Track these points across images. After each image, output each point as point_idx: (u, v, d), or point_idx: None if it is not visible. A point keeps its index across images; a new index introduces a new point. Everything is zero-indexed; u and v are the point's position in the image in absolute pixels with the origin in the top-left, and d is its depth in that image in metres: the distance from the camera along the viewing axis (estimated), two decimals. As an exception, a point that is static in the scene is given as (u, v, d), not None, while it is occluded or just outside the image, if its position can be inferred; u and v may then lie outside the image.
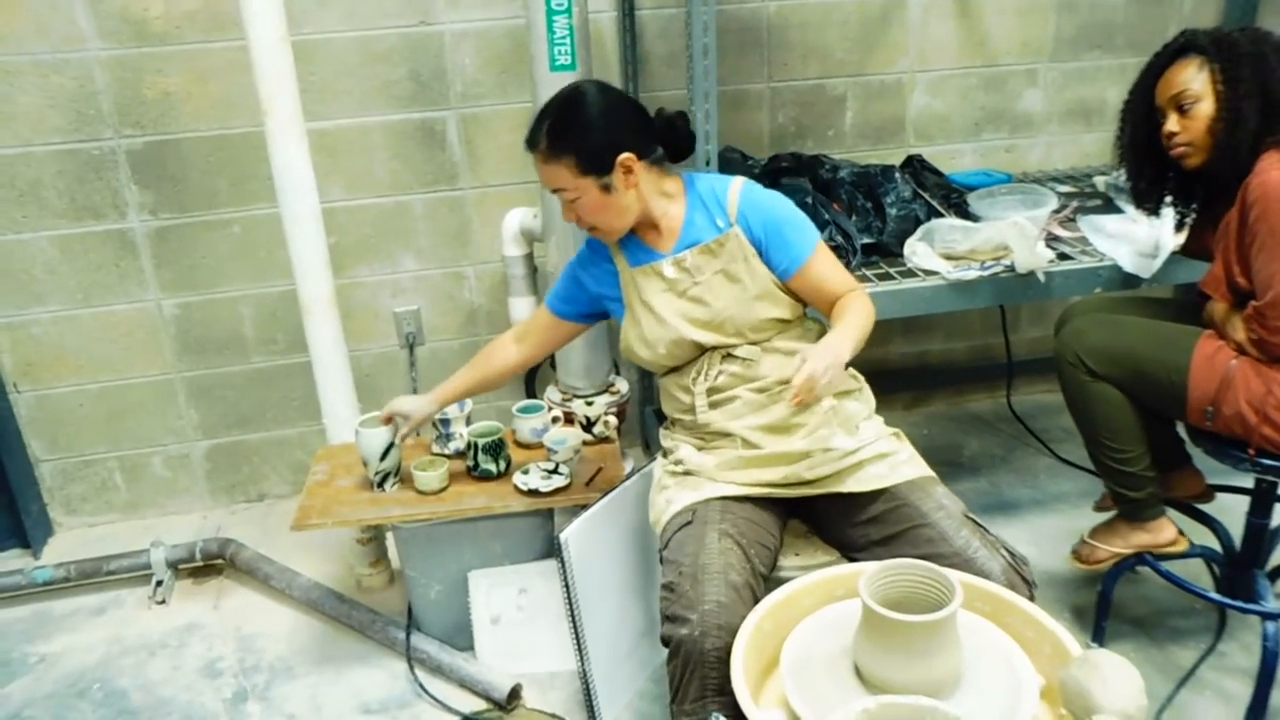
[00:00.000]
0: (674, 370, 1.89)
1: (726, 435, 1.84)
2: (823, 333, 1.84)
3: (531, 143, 1.77)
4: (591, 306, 1.98)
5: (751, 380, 1.82)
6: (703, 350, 1.84)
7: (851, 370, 1.92)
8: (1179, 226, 2.23)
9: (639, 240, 1.88)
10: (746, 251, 1.81)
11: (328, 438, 2.57)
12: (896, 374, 3.37)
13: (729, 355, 1.83)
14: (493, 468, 2.27)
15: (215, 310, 2.84)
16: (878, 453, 1.79)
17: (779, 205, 1.85)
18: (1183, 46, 1.96)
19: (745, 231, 1.82)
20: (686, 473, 1.85)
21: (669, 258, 1.84)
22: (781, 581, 1.58)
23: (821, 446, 1.78)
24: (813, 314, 1.92)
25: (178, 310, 2.82)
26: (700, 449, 1.86)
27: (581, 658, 2.00)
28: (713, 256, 1.82)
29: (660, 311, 1.83)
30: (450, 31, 2.71)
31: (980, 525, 1.67)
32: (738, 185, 1.86)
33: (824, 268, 1.83)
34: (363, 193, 2.82)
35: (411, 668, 2.31)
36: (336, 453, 2.49)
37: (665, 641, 1.61)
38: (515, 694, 2.18)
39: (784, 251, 1.82)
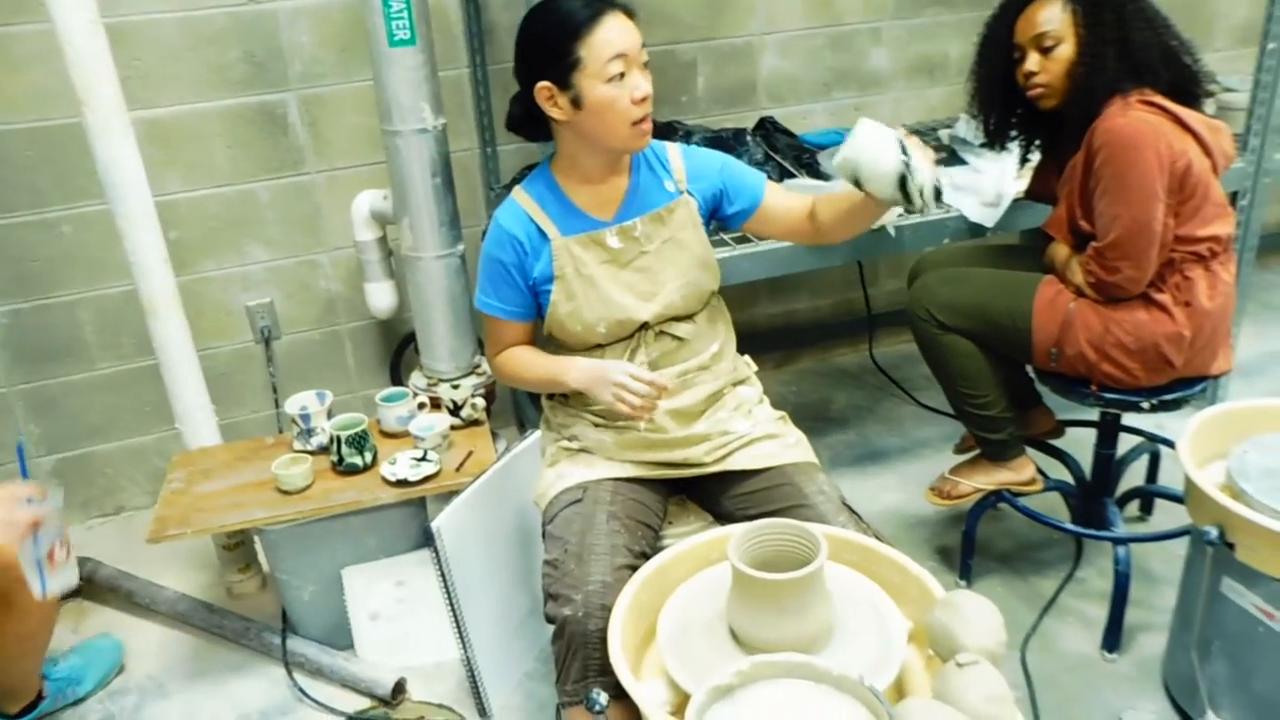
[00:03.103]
0: (596, 347, 1.78)
1: None
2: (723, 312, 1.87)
3: (609, 1, 1.62)
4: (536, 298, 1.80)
5: (682, 360, 1.78)
6: (639, 327, 1.76)
7: (746, 358, 1.94)
8: (1022, 162, 2.30)
9: (572, 204, 1.75)
10: (695, 219, 1.78)
11: (184, 442, 2.45)
12: (764, 335, 3.42)
13: (662, 333, 1.77)
14: (358, 460, 2.20)
15: (49, 317, 2.67)
16: (767, 433, 1.81)
17: (721, 154, 1.85)
18: None
19: (699, 197, 1.79)
20: (582, 449, 1.82)
21: (612, 226, 1.74)
22: (658, 550, 1.59)
23: (720, 430, 1.79)
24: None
25: (5, 319, 2.63)
26: (598, 425, 1.81)
27: (464, 645, 1.97)
28: (661, 224, 1.76)
29: (603, 286, 1.73)
30: (284, 9, 2.59)
31: (855, 513, 1.68)
32: (677, 149, 1.82)
33: (780, 194, 1.84)
34: (203, 183, 2.68)
35: (290, 673, 2.23)
36: (194, 458, 2.38)
37: (550, 619, 1.59)
38: (400, 688, 2.14)
39: (744, 192, 1.81)
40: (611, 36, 1.60)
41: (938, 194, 1.59)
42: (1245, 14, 3.57)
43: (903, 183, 1.56)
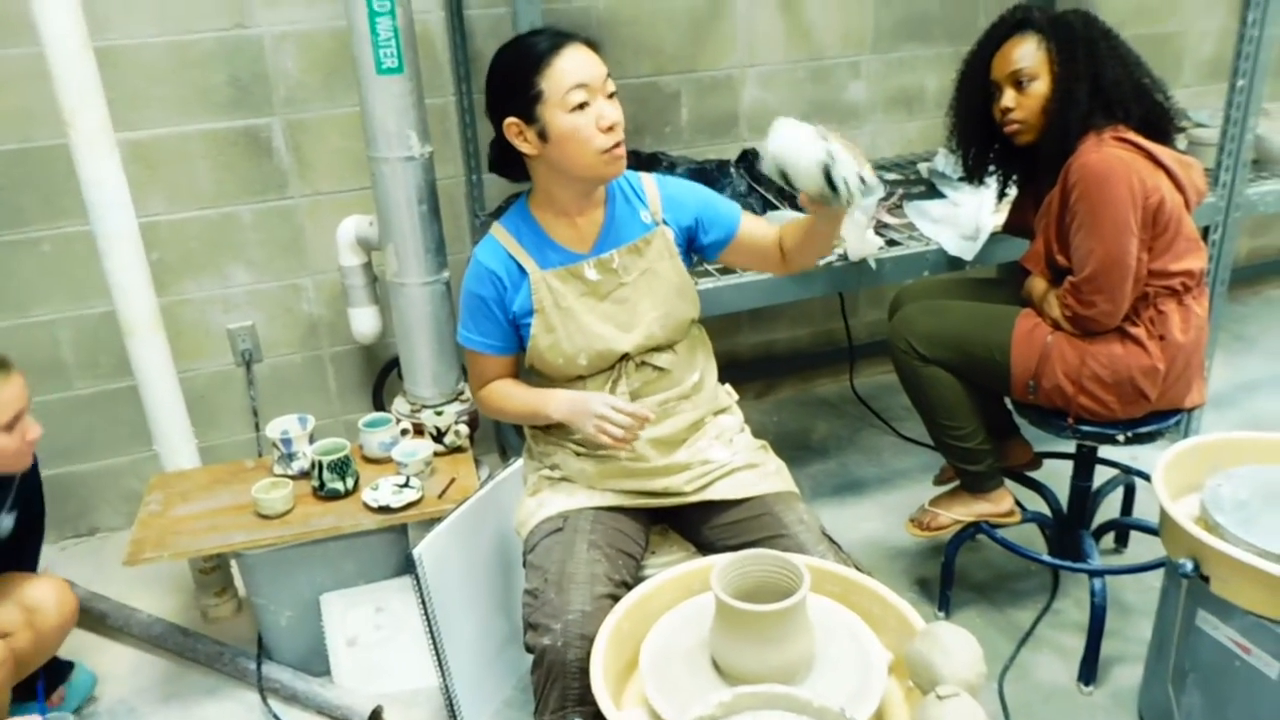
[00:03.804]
0: (578, 379, 1.78)
1: None
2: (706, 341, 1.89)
3: (569, 35, 1.65)
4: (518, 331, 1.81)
5: (663, 390, 1.78)
6: (620, 358, 1.77)
7: (727, 387, 1.95)
8: (1000, 196, 2.33)
9: (549, 239, 1.75)
10: (672, 249, 1.78)
11: (162, 464, 2.43)
12: (745, 364, 3.44)
13: (643, 364, 1.77)
14: (340, 486, 2.20)
15: (27, 335, 2.65)
16: (748, 462, 1.81)
17: (697, 185, 1.86)
18: (1020, 22, 2.02)
19: (674, 227, 1.80)
20: (563, 478, 1.82)
21: (590, 258, 1.75)
22: (640, 580, 1.59)
23: (700, 459, 1.79)
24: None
25: (-16, 338, 2.62)
26: (579, 455, 1.81)
27: (443, 673, 1.96)
28: (639, 255, 1.76)
29: (582, 318, 1.73)
30: (270, 34, 2.60)
31: (835, 543, 1.69)
32: (652, 180, 1.83)
33: (755, 224, 1.86)
34: (186, 205, 2.68)
35: (265, 698, 2.21)
36: (171, 480, 2.37)
37: (529, 649, 1.59)
38: (376, 715, 2.12)
39: (719, 223, 1.82)
40: (570, 66, 1.61)
41: (864, 185, 1.57)
42: (1213, 49, 3.66)
43: (828, 175, 1.56)
